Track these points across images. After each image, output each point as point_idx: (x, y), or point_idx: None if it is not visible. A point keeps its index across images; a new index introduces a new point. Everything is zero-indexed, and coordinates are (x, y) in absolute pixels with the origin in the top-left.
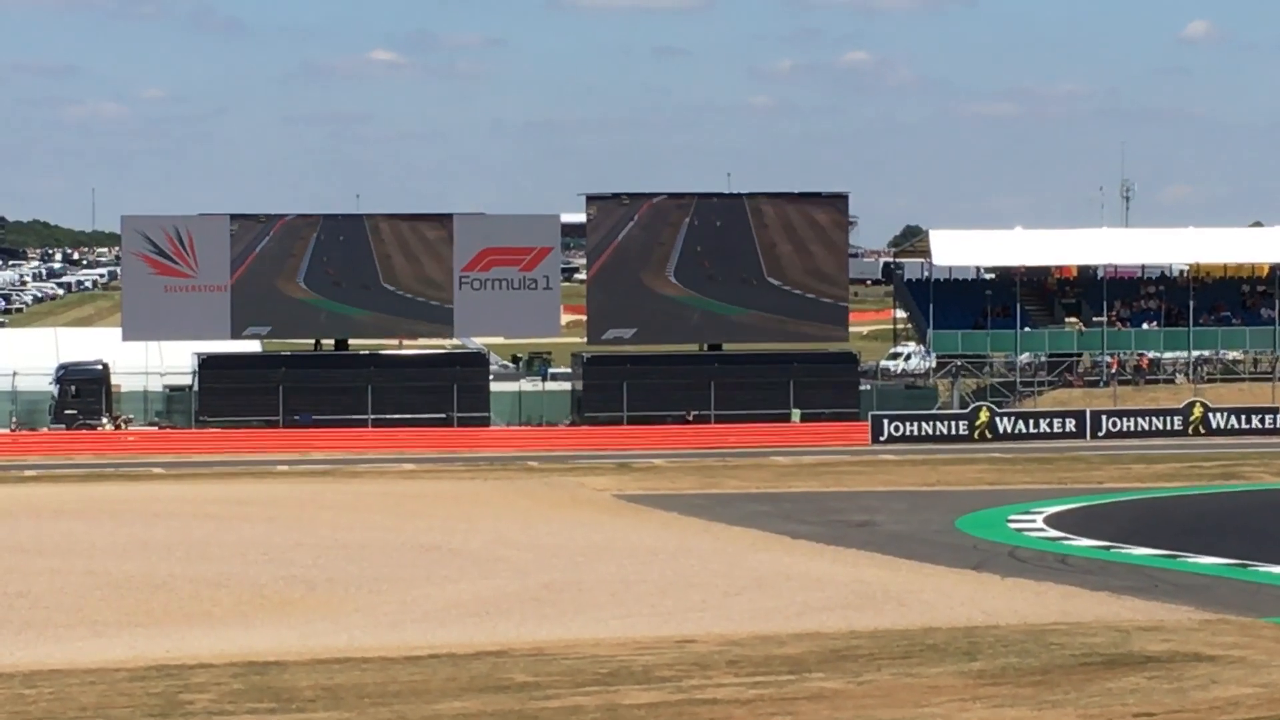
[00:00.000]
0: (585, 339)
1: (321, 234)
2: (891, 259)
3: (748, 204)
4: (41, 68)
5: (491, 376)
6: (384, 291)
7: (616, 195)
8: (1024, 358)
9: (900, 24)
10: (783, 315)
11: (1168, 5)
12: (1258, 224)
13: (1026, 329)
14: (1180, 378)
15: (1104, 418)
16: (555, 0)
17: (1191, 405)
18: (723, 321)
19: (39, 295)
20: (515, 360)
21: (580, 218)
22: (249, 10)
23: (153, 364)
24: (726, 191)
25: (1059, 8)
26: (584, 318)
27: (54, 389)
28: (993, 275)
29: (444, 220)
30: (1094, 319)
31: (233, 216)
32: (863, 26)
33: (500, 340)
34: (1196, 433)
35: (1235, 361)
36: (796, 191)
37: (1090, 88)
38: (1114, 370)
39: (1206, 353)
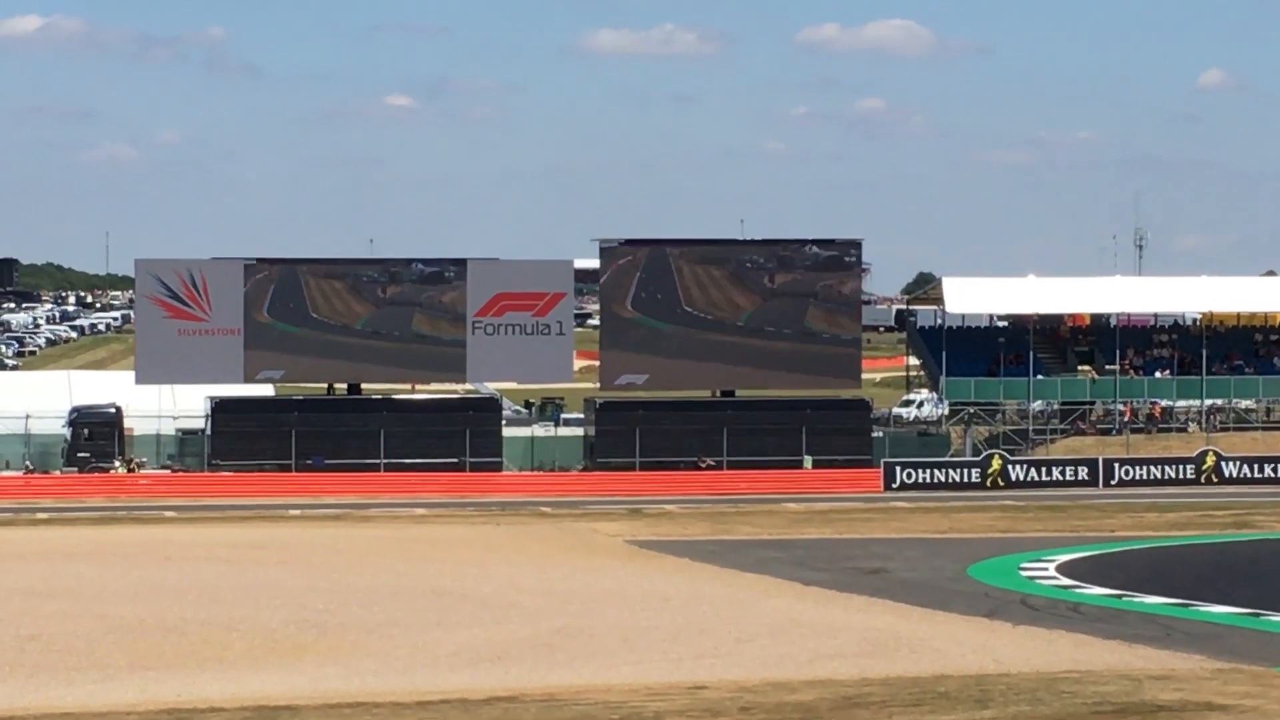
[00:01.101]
0: (598, 384)
1: (334, 278)
2: (904, 306)
3: (760, 250)
4: (57, 110)
5: (504, 421)
6: (398, 336)
7: (630, 241)
8: (1037, 405)
9: (915, 72)
10: (795, 362)
11: (1183, 54)
12: (1271, 273)
13: (1039, 377)
14: (1193, 426)
15: (1116, 466)
16: (571, 47)
17: (1204, 454)
18: (735, 368)
19: (52, 338)
20: (528, 405)
21: (594, 263)
22: (265, 54)
23: (165, 407)
24: (740, 238)
25: (1074, 56)
26: (596, 363)
27: (67, 432)
28: (1006, 323)
29: (458, 265)
30: (1107, 367)
31: (246, 261)
32: (877, 74)
33: (513, 385)
34: (1209, 481)
35: (1248, 410)
36: (810, 238)
37: (1104, 136)
38: (1127, 418)
39: (1219, 401)
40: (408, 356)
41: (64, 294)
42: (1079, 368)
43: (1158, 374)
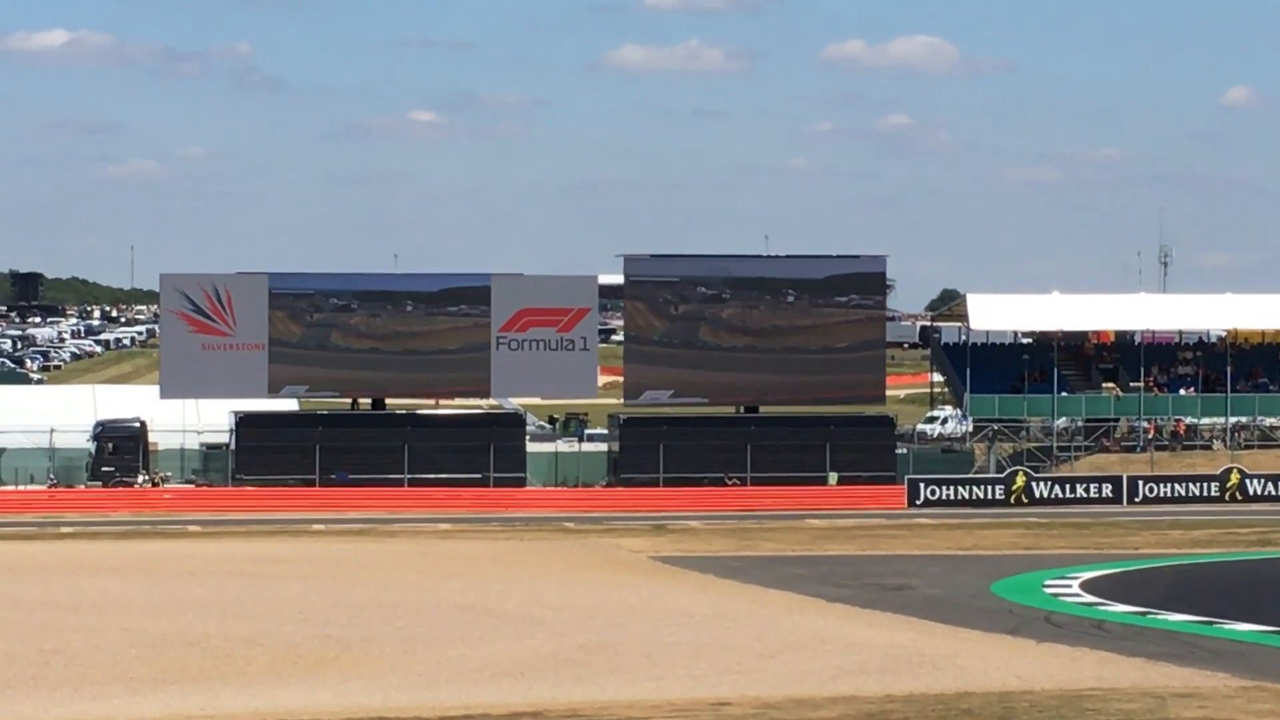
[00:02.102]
0: (622, 400)
1: (360, 293)
2: (929, 323)
3: (785, 266)
4: (82, 125)
5: (528, 437)
6: (422, 351)
7: (655, 256)
8: (1061, 422)
9: (941, 88)
10: (820, 378)
11: (1208, 71)
12: None
13: (1063, 394)
14: (1217, 444)
15: (1140, 483)
16: (596, 62)
17: (1228, 471)
18: (759, 383)
19: (77, 352)
20: (552, 421)
21: (618, 279)
22: (290, 69)
23: (190, 422)
24: (765, 254)
25: (1099, 73)
26: (621, 379)
27: (91, 446)
28: (1030, 340)
29: (482, 280)
30: (1131, 384)
31: (271, 275)
32: (903, 90)
33: (537, 401)
34: (1233, 499)
35: (1272, 428)
36: (835, 254)
37: (1129, 153)
38: (1151, 436)
39: (1244, 419)
40: (432, 372)
41: (89, 308)
42: (1103, 385)
43: (1182, 391)
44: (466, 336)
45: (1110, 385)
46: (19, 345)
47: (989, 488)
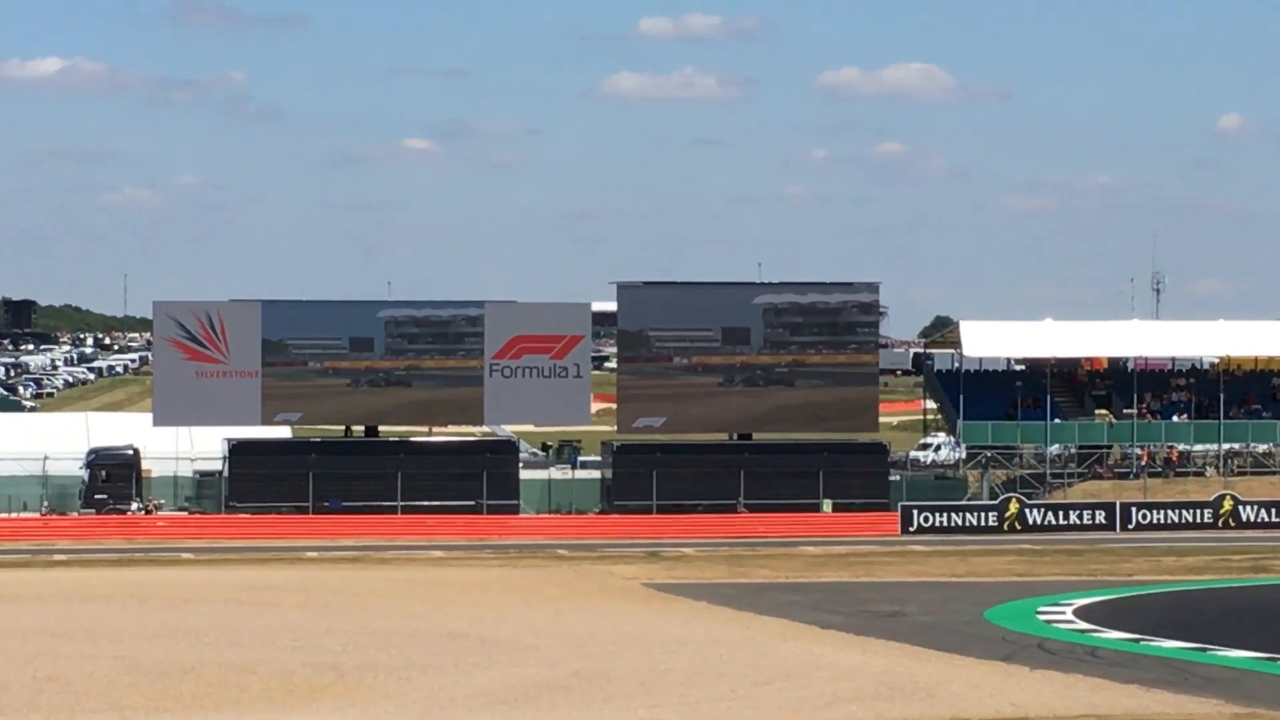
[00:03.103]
0: (615, 427)
1: (353, 320)
2: (922, 349)
3: (779, 293)
4: (76, 153)
5: (521, 464)
6: (415, 378)
7: (648, 284)
8: (1054, 449)
9: (935, 116)
10: (813, 405)
11: (1202, 98)
12: None
13: (1057, 420)
14: (1210, 470)
15: (1134, 510)
16: (590, 90)
17: (1221, 498)
18: (752, 411)
19: (70, 380)
20: (545, 448)
21: (611, 306)
22: (284, 97)
23: (183, 449)
24: (758, 280)
25: (1093, 100)
26: (614, 406)
27: (84, 473)
28: (1023, 367)
29: (475, 307)
30: (1124, 411)
31: (264, 303)
32: (897, 118)
33: (530, 428)
34: (1226, 525)
35: (1266, 455)
36: (828, 281)
37: (1122, 180)
38: (1144, 462)
39: (1237, 446)
40: (425, 399)
41: (82, 336)
42: (1096, 411)
43: (1175, 418)
44: (460, 364)
45: (1103, 412)
46: (12, 372)
47: (982, 514)
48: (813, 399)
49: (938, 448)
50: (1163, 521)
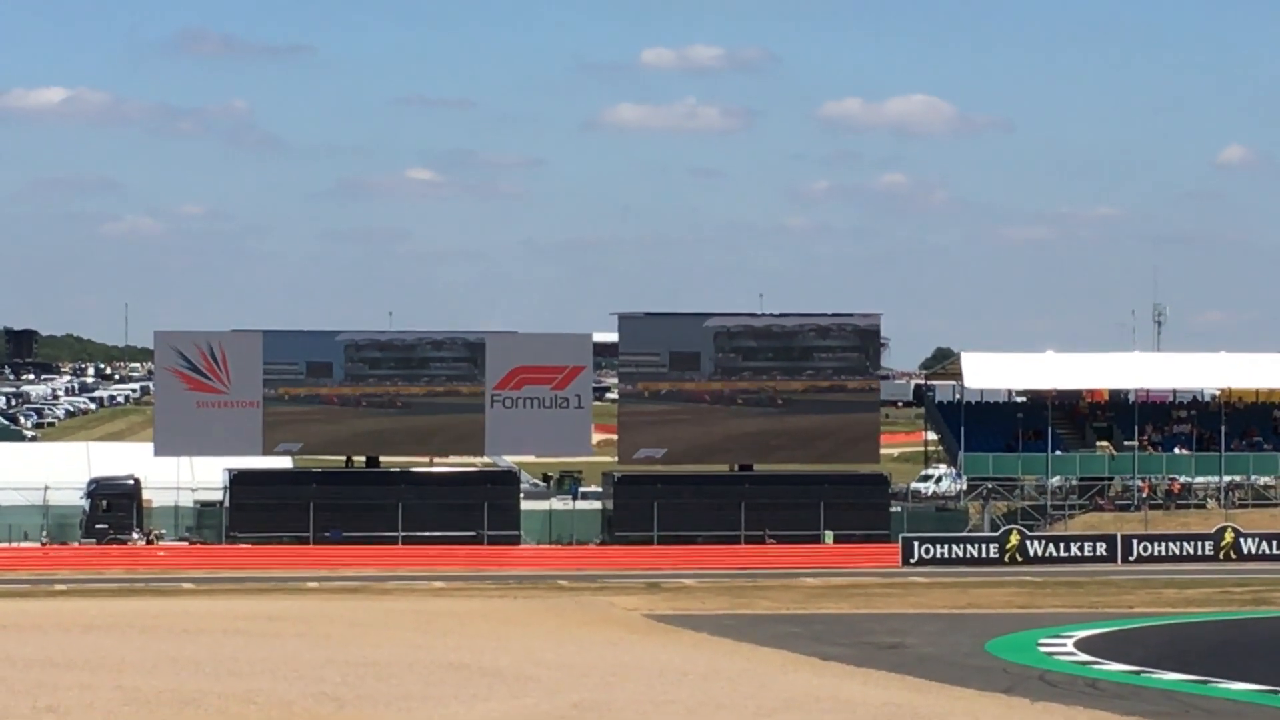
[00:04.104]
0: (616, 458)
1: (354, 350)
2: (923, 381)
3: (780, 324)
4: (79, 182)
5: (522, 495)
6: (416, 409)
7: (649, 315)
8: (1055, 481)
9: (938, 148)
10: (814, 436)
11: (1204, 130)
12: None
13: (1058, 452)
14: (1211, 503)
15: (1135, 542)
16: (593, 120)
17: (1223, 530)
18: (753, 442)
19: (71, 409)
20: (546, 479)
21: (613, 337)
22: (287, 127)
23: (184, 479)
24: (759, 311)
25: (1095, 132)
26: (615, 437)
27: (85, 503)
28: (1024, 398)
29: (476, 338)
30: (1125, 443)
31: (266, 333)
32: (900, 150)
33: (531, 459)
34: (1227, 558)
35: (1267, 487)
36: (829, 312)
37: (1124, 212)
38: (1145, 494)
39: (1238, 478)
40: (426, 429)
41: (83, 365)
42: (1097, 443)
43: (1176, 450)
44: (461, 394)
45: (1104, 444)
46: (13, 402)
47: (983, 546)
48: (813, 430)
49: (939, 479)
50: (1164, 554)
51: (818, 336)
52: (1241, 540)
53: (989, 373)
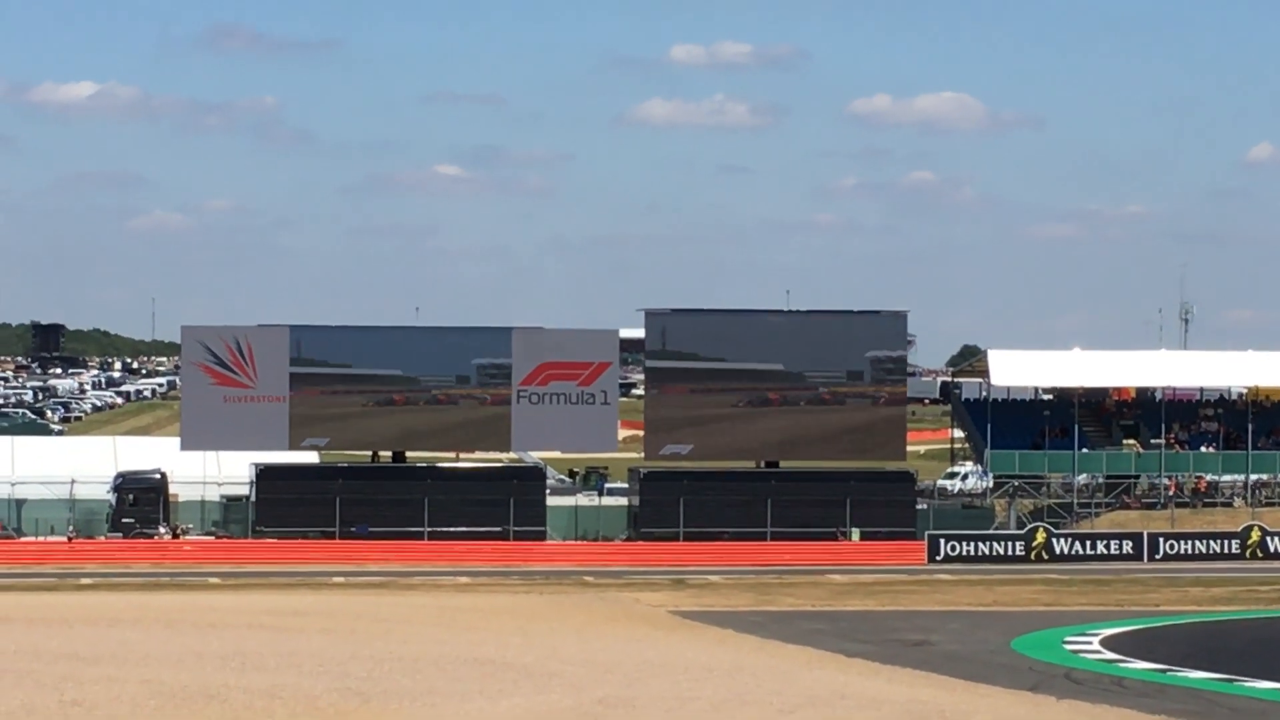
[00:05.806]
0: (642, 454)
1: (381, 345)
2: (949, 378)
3: (807, 321)
4: (107, 177)
5: (548, 490)
6: (443, 404)
7: (676, 311)
8: (1081, 479)
9: (965, 144)
10: (840, 433)
11: (1233, 128)
12: None
13: (1084, 450)
14: (1238, 501)
15: (1161, 540)
16: (621, 116)
17: (1249, 529)
18: (780, 438)
19: (98, 404)
20: (572, 475)
21: (639, 333)
22: (316, 122)
23: (210, 474)
24: (785, 308)
25: (1124, 130)
26: (641, 433)
27: (112, 497)
28: (1051, 396)
29: (503, 333)
30: (1152, 441)
31: (293, 328)
32: (929, 146)
33: (557, 454)
34: (1254, 556)
35: None
36: (856, 309)
37: (1152, 210)
38: (1171, 493)
39: (1265, 476)
40: (452, 425)
41: (110, 360)
42: (1124, 441)
43: (1203, 448)
44: (487, 389)
45: (1131, 442)
46: (40, 396)
47: (1009, 544)
48: (840, 427)
49: (965, 477)
50: (1190, 552)
51: (844, 333)
52: (1268, 539)
53: (1015, 370)
